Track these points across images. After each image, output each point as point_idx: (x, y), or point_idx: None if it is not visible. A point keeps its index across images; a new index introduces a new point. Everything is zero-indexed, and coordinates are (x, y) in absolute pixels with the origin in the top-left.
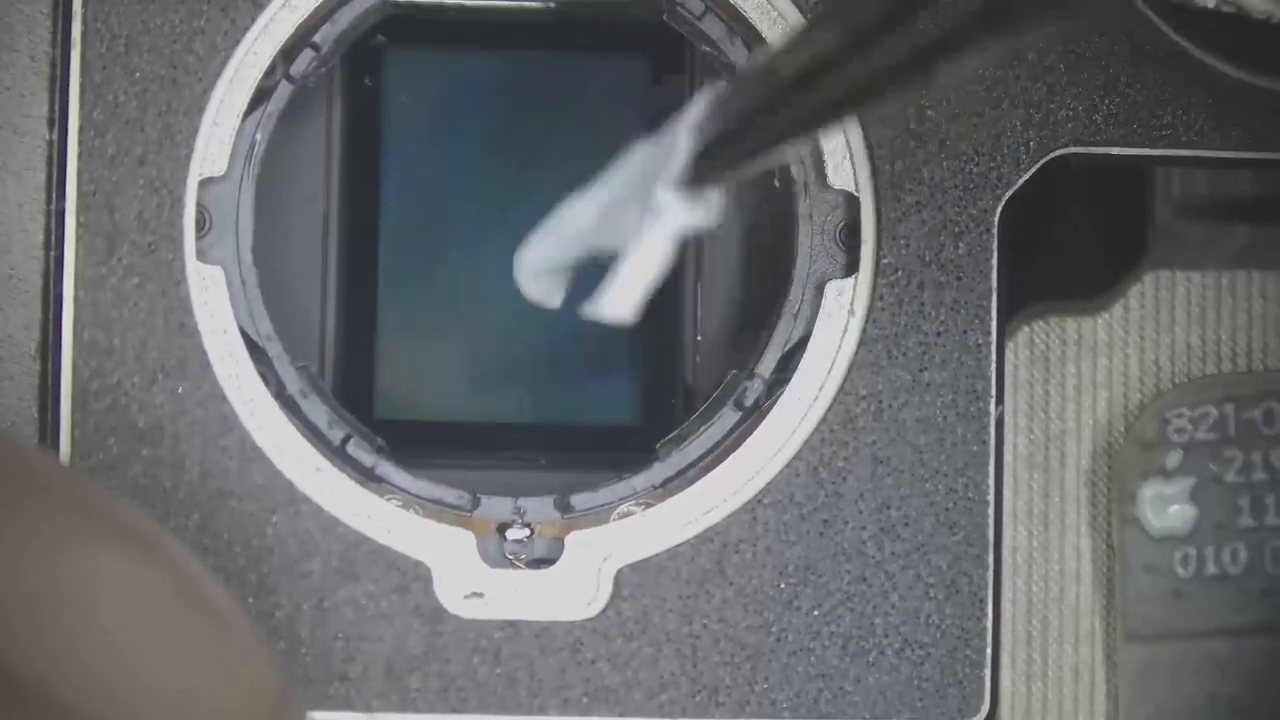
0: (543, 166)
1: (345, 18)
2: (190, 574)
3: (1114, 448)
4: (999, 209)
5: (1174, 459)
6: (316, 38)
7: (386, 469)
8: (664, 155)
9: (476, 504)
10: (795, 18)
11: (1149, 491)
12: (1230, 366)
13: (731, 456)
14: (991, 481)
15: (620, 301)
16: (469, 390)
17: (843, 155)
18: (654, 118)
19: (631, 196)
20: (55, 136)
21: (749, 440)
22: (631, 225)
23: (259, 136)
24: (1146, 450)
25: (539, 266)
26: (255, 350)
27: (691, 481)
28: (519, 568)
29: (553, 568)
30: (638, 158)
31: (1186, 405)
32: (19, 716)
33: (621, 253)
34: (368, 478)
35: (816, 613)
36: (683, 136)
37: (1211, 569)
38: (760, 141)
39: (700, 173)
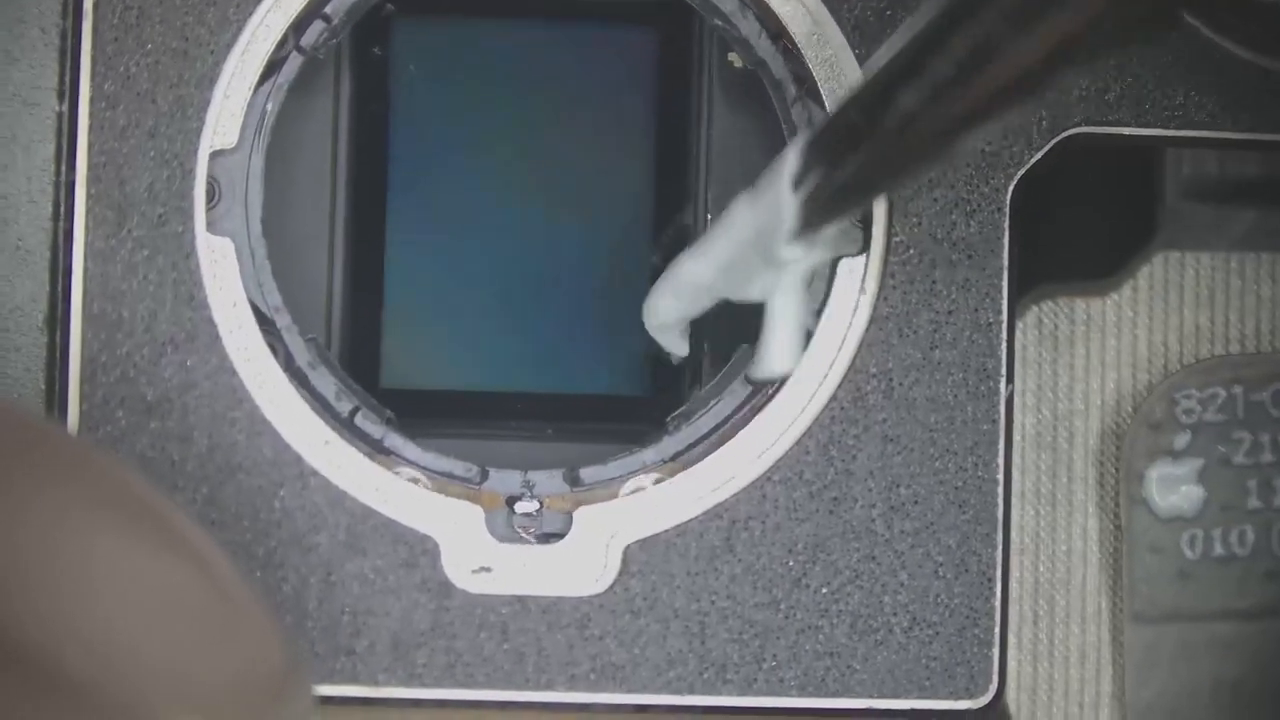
0: (550, 136)
1: None
2: (197, 547)
3: (1122, 428)
4: (1011, 188)
5: (1182, 440)
6: (328, 9)
7: (395, 441)
8: (771, 210)
9: (485, 477)
10: None
11: (1157, 472)
12: (1239, 348)
13: (741, 432)
14: (1001, 460)
15: (784, 357)
16: (476, 359)
17: None
18: (661, 89)
19: (747, 251)
20: (65, 108)
21: (759, 416)
22: (753, 277)
23: (269, 108)
24: (1155, 431)
25: (666, 321)
26: (264, 322)
27: (701, 457)
28: (527, 542)
29: (561, 542)
30: (744, 214)
31: (1195, 386)
32: (15, 682)
33: (766, 310)
34: (376, 450)
35: (825, 590)
36: (785, 192)
37: (1219, 550)
38: (860, 187)
39: (810, 219)
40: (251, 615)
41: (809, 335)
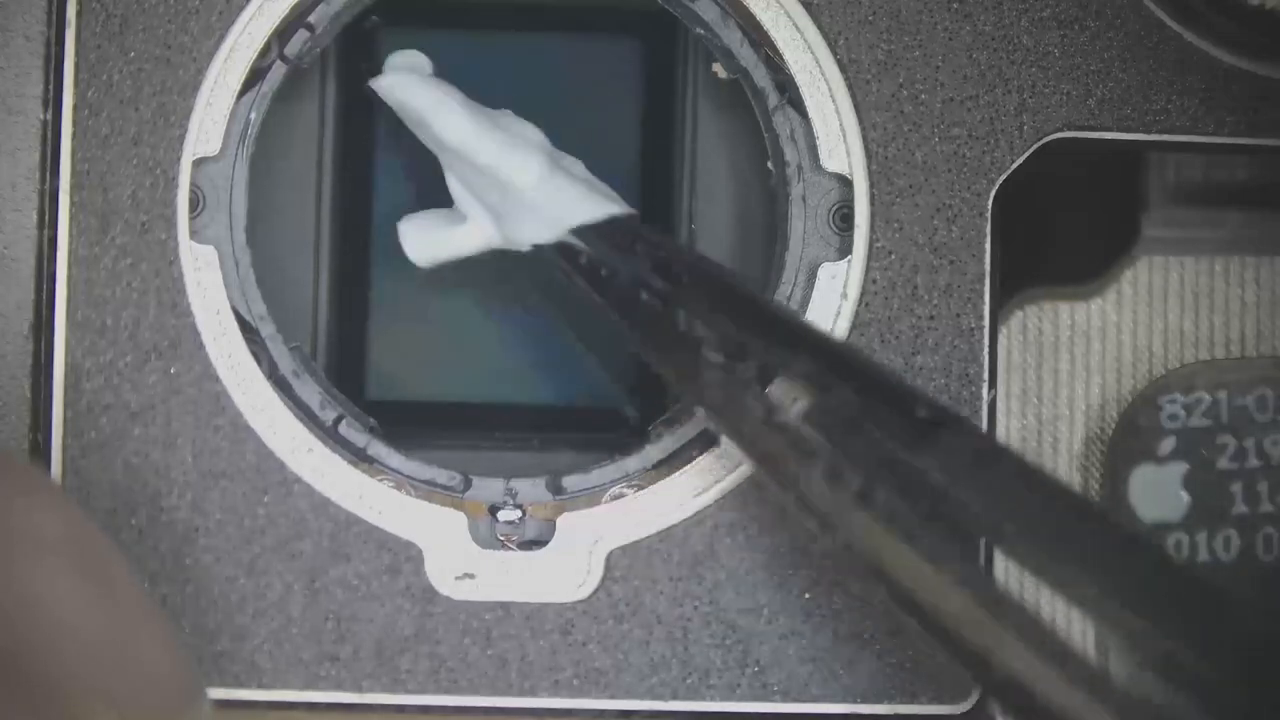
0: None
1: None
2: (119, 576)
3: (1106, 433)
4: (993, 193)
5: (1167, 445)
6: (311, 18)
7: (378, 449)
8: (551, 206)
9: (468, 485)
10: (790, 1)
11: (1141, 477)
12: (1223, 352)
13: (724, 439)
14: None
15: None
16: (461, 371)
17: (837, 139)
18: (645, 100)
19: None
20: (50, 116)
21: None
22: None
23: (253, 116)
24: (1139, 436)
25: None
26: (248, 330)
27: (684, 464)
28: (510, 549)
29: (544, 549)
30: (534, 166)
31: (1180, 391)
32: None
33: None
34: (359, 458)
35: (808, 596)
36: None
37: (1203, 556)
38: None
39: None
40: (159, 636)
41: None
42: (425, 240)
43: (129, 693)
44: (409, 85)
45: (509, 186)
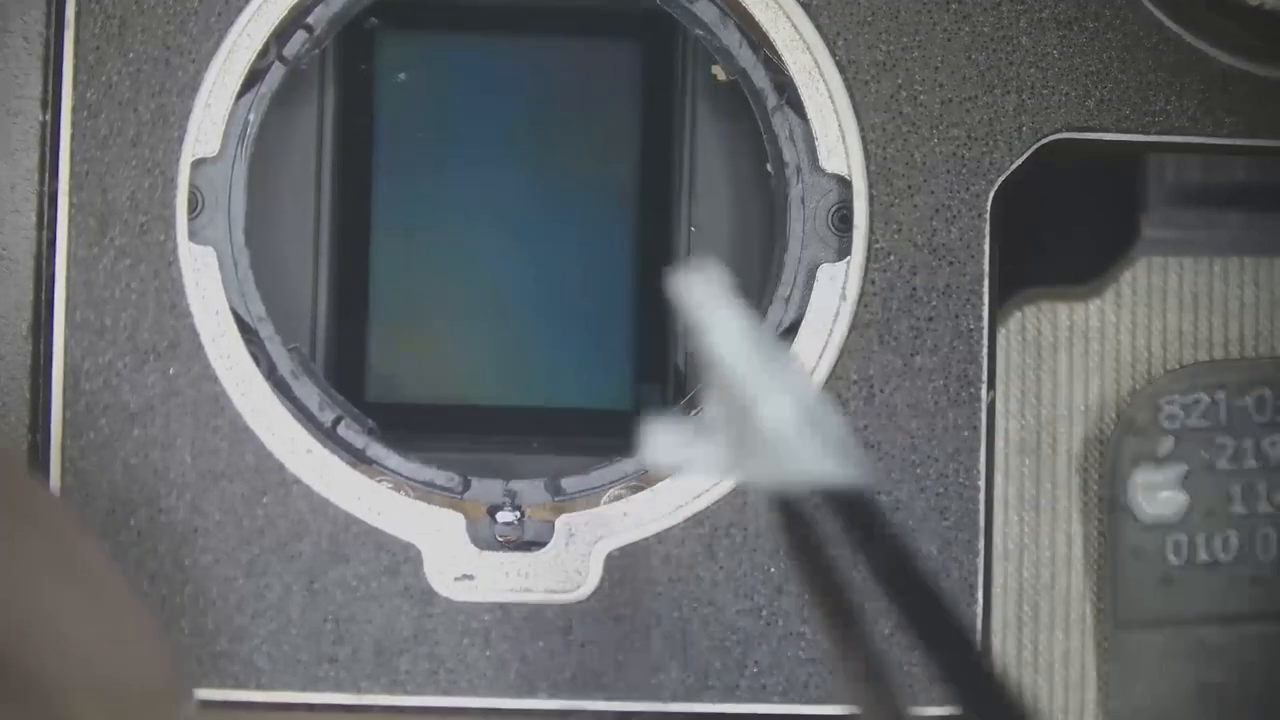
0: (534, 151)
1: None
2: (109, 580)
3: (1106, 434)
4: (992, 194)
5: (1166, 446)
6: (310, 19)
7: (377, 451)
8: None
9: (467, 486)
10: (789, 2)
11: (1140, 478)
12: (1222, 353)
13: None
14: (983, 467)
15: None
16: (461, 373)
17: (836, 139)
18: (645, 103)
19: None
20: (48, 117)
21: None
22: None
23: (252, 118)
24: (1138, 437)
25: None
26: (247, 331)
27: None
28: (509, 550)
29: (543, 550)
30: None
31: (1179, 392)
32: None
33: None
34: (358, 459)
35: (806, 597)
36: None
37: (1203, 556)
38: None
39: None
40: (147, 637)
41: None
42: (668, 447)
43: (118, 693)
44: (706, 298)
45: (758, 424)
